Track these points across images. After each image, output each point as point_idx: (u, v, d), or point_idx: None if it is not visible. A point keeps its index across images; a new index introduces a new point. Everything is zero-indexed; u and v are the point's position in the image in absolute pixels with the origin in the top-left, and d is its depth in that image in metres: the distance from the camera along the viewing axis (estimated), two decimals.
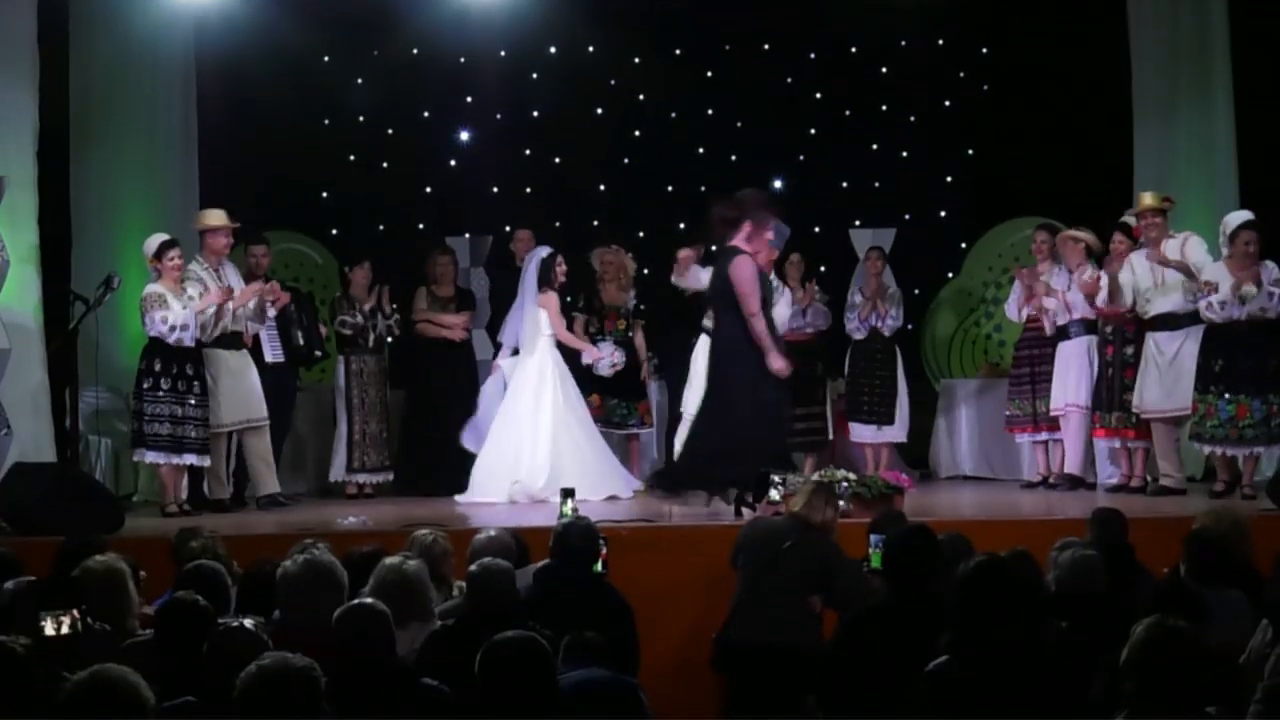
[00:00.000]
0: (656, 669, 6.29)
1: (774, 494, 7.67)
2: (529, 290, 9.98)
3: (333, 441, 10.69)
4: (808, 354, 10.85)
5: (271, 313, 10.08)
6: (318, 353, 10.63)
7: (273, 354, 10.18)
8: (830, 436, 11.10)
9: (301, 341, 10.38)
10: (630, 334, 10.83)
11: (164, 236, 9.30)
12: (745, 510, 8.19)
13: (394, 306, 10.82)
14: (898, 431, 10.99)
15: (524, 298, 10.01)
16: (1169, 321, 9.33)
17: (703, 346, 8.89)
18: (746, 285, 8.43)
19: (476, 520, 8.49)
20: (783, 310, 10.70)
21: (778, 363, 8.44)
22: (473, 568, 5.26)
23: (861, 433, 11.01)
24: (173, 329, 9.10)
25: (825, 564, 6.50)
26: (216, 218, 9.62)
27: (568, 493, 7.61)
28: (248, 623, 4.40)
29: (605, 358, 10.22)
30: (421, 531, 6.26)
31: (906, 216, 12.46)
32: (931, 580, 5.11)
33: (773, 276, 9.41)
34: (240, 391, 9.60)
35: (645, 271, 11.41)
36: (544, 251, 10.06)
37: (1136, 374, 9.45)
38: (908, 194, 12.61)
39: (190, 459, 9.28)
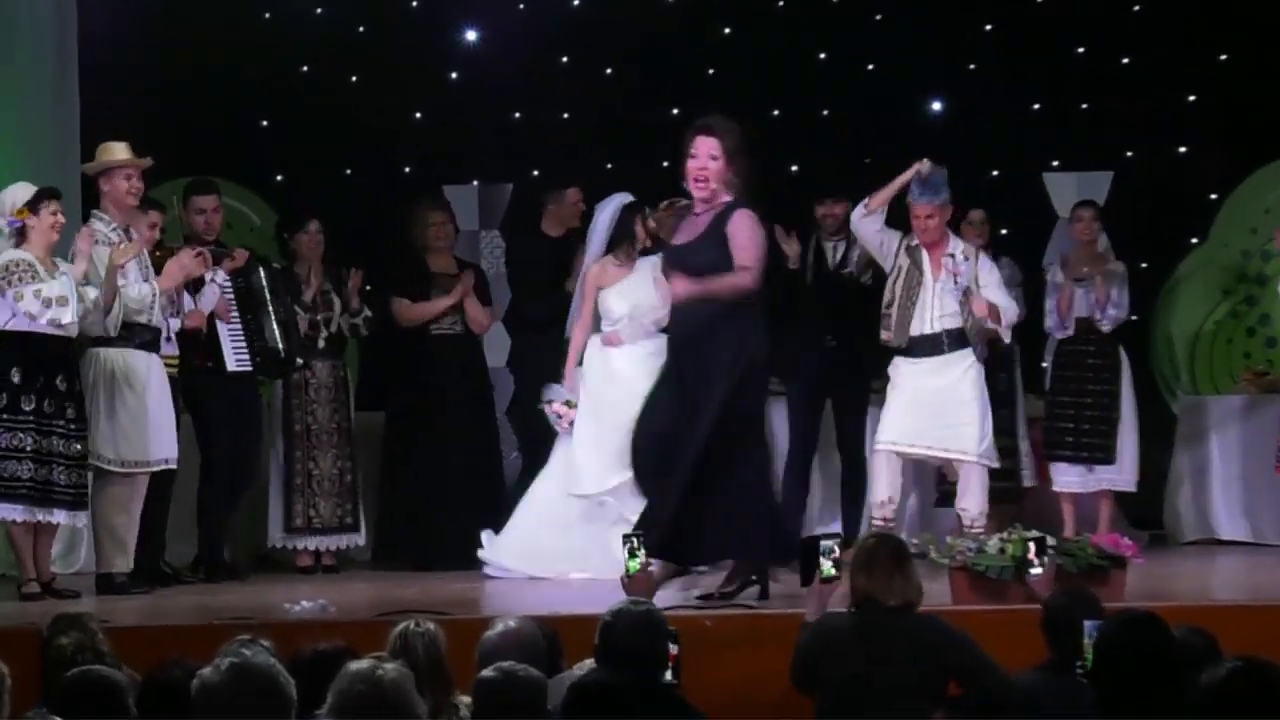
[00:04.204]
0: None
1: (826, 566, 7.55)
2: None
3: (267, 488, 10.71)
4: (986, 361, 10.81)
5: (220, 276, 10.11)
6: (299, 360, 10.54)
7: (236, 360, 10.23)
8: (1028, 482, 11.13)
9: (279, 340, 10.30)
10: None
11: (31, 186, 9.32)
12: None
13: (365, 289, 10.90)
14: (1123, 475, 10.93)
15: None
16: None
17: None
18: None
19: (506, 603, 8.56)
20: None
21: None
22: (486, 673, 5.26)
23: (1066, 476, 10.95)
24: (47, 303, 9.02)
25: (943, 660, 6.40)
26: (120, 151, 9.67)
27: (632, 539, 7.63)
28: None
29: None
30: (406, 624, 6.26)
31: (1128, 154, 12.57)
32: (1163, 692, 5.11)
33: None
34: (166, 417, 9.62)
35: None
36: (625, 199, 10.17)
37: None
38: (1129, 122, 12.68)
39: (60, 516, 9.25)
